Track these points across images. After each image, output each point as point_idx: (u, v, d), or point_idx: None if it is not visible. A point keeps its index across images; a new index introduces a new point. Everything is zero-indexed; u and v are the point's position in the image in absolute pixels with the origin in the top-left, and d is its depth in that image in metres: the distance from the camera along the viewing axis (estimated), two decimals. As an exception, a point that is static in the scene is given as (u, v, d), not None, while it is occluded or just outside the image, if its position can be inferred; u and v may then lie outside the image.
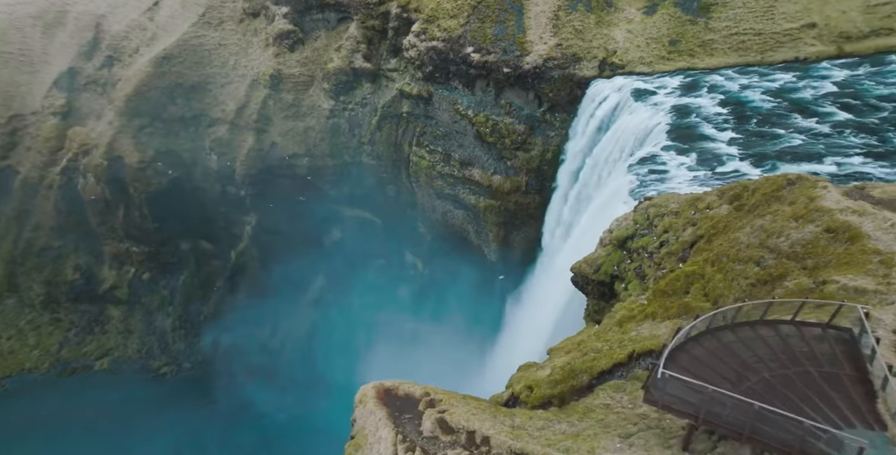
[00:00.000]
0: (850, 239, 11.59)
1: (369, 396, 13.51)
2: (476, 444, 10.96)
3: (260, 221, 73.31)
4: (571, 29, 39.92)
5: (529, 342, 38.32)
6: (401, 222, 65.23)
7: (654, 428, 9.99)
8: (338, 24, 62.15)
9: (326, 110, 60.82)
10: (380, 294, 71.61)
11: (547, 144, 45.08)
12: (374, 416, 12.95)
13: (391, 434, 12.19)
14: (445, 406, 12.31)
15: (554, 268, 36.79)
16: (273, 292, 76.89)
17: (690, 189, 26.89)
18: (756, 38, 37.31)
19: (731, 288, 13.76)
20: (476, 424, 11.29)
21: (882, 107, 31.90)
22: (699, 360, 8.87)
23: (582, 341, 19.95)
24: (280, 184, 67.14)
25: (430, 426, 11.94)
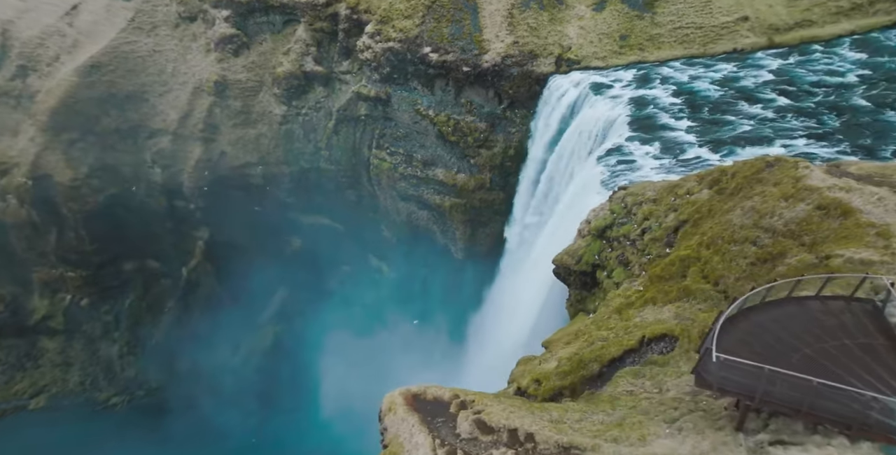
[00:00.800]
0: (843, 214, 12.74)
1: (398, 403, 13.55)
2: (520, 442, 11.18)
3: (213, 235, 70.67)
4: (526, 27, 40.93)
5: (506, 338, 39.11)
6: (363, 227, 64.69)
7: (696, 411, 10.53)
8: (284, 27, 60.76)
9: (279, 116, 59.37)
10: (346, 301, 70.78)
11: (508, 141, 46.00)
12: (405, 422, 13.02)
13: (428, 439, 12.31)
14: (480, 406, 12.54)
15: (528, 262, 37.70)
16: (232, 308, 74.41)
17: (660, 177, 28.30)
18: (698, 31, 39.57)
19: (730, 268, 14.75)
20: (516, 422, 11.56)
21: (815, 92, 34.65)
22: (739, 341, 9.50)
23: (580, 331, 20.71)
24: (233, 195, 64.97)
25: (467, 427, 12.11)
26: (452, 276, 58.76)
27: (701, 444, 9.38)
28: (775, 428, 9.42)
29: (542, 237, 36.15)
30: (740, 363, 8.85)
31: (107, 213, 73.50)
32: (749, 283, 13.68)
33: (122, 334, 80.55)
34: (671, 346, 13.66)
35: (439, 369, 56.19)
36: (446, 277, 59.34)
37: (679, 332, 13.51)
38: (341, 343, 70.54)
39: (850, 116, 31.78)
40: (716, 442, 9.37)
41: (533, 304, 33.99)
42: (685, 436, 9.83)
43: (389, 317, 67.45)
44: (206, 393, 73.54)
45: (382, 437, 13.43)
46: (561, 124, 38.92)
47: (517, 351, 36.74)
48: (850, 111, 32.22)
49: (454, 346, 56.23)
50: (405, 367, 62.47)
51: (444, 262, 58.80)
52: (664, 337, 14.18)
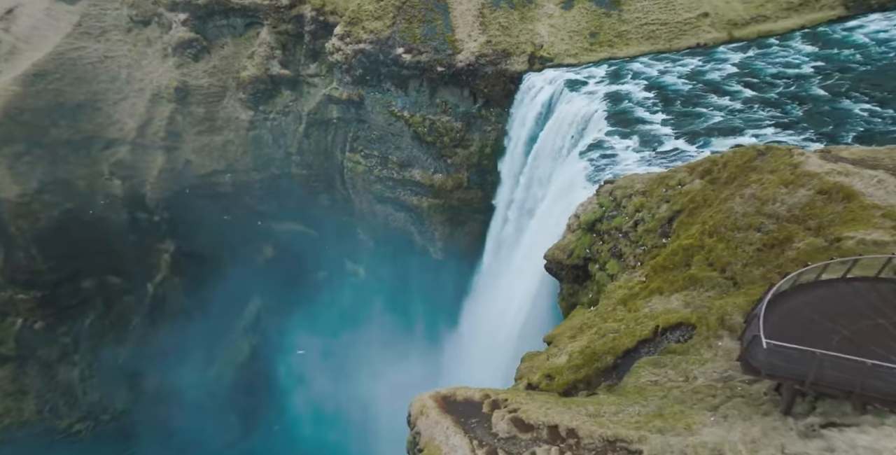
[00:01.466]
0: (846, 197, 13.48)
1: (429, 406, 13.52)
2: (562, 438, 11.29)
3: (180, 247, 68.37)
4: (498, 26, 41.35)
5: (494, 335, 39.37)
6: (338, 231, 63.90)
7: (735, 397, 10.83)
8: (245, 30, 59.35)
9: (245, 122, 57.98)
10: (323, 308, 69.78)
11: (484, 139, 46.35)
12: (439, 425, 13.01)
13: (465, 440, 12.34)
14: (515, 404, 12.64)
15: (515, 259, 38.14)
16: (203, 322, 72.12)
17: (642, 169, 29.13)
18: (663, 27, 40.89)
19: (736, 255, 15.37)
20: (556, 418, 11.70)
21: (776, 83, 36.35)
22: (777, 326, 9.87)
23: (585, 324, 21.12)
24: (200, 204, 63.04)
25: (505, 426, 12.17)
26: (432, 277, 58.72)
27: (751, 431, 9.67)
28: (823, 410, 9.76)
29: (527, 234, 36.62)
30: (790, 348, 9.18)
31: (61, 229, 70.22)
32: (758, 268, 14.34)
33: (83, 356, 76.86)
34: (688, 335, 14.12)
35: (424, 371, 56.16)
36: (426, 278, 59.24)
37: (696, 320, 14.00)
38: (321, 351, 69.57)
39: (810, 106, 33.47)
40: (765, 427, 9.70)
41: (523, 300, 34.38)
42: (732, 423, 10.09)
43: (369, 322, 66.88)
44: (179, 411, 71.06)
45: (415, 441, 13.39)
46: (538, 121, 39.51)
47: (507, 348, 37.21)
48: (811, 101, 33.93)
49: (436, 347, 56.25)
50: (387, 372, 62.16)
51: (423, 262, 58.71)
52: (679, 325, 14.64)
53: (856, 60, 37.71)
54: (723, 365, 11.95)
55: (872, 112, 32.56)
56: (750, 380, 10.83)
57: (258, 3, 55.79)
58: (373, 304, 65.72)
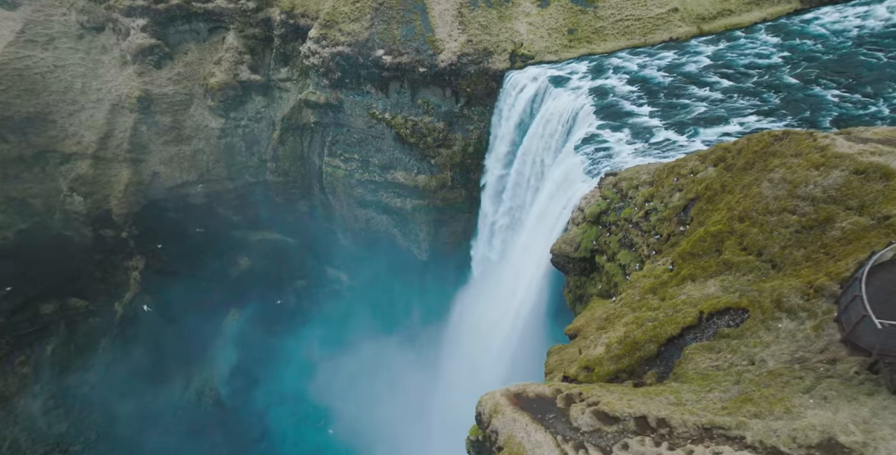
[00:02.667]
0: (885, 176, 14.06)
1: (503, 404, 13.35)
2: (652, 428, 11.26)
3: (150, 264, 65.51)
4: (477, 25, 41.45)
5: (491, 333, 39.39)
6: (317, 238, 62.71)
7: (827, 378, 10.85)
8: (210, 35, 57.42)
9: (216, 129, 56.05)
10: (305, 317, 68.41)
11: (468, 138, 46.39)
12: (517, 422, 12.87)
13: (547, 436, 12.23)
14: (593, 397, 12.61)
15: (512, 255, 38.31)
16: (178, 339, 69.49)
17: (637, 161, 29.78)
18: (637, 22, 41.96)
19: (772, 239, 15.84)
20: (642, 408, 11.69)
21: (750, 73, 37.84)
22: (875, 303, 10.07)
23: (611, 315, 21.40)
24: (171, 217, 60.62)
25: (587, 420, 12.12)
26: (418, 278, 58.46)
27: (860, 411, 9.76)
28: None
29: (524, 230, 36.84)
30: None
31: (15, 251, 66.32)
32: (798, 250, 14.85)
33: (46, 386, 72.56)
34: (740, 319, 14.46)
35: (419, 376, 55.79)
36: (412, 280, 58.93)
37: (746, 303, 14.36)
38: (305, 361, 68.13)
39: (785, 93, 34.99)
40: (875, 407, 9.83)
41: (524, 296, 34.57)
42: (835, 404, 10.12)
43: (354, 328, 65.94)
44: (160, 435, 68.14)
45: (492, 439, 13.20)
46: (524, 118, 39.83)
47: (508, 344, 37.34)
48: (785, 89, 35.47)
49: (429, 348, 55.94)
50: (379, 380, 61.41)
51: (407, 264, 58.34)
52: (728, 310, 14.97)
53: (818, 50, 39.63)
54: (790, 346, 12.26)
55: (843, 97, 34.28)
56: (828, 359, 11.13)
57: (223, 7, 54.09)
58: (358, 310, 64.84)
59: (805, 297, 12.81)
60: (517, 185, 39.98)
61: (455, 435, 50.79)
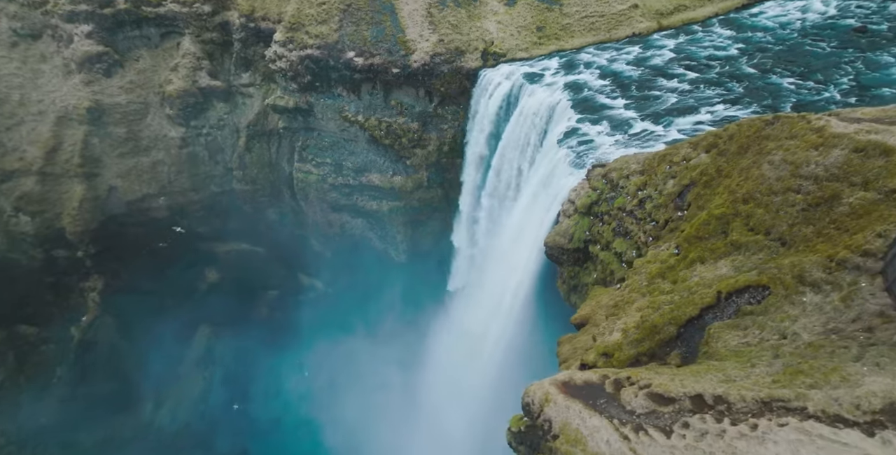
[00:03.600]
0: (884, 152, 15.07)
1: (553, 393, 13.52)
2: (709, 405, 11.61)
3: (110, 284, 62.24)
4: (447, 24, 41.60)
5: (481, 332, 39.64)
6: (289, 246, 61.30)
7: (871, 345, 11.21)
8: (162, 41, 55.15)
9: (177, 139, 53.88)
10: (279, 328, 66.69)
11: (442, 138, 46.47)
12: (570, 409, 13.06)
13: (604, 421, 12.47)
14: (643, 380, 12.93)
15: (498, 251, 38.66)
16: (144, 362, 66.38)
17: (620, 152, 30.67)
18: (601, 19, 43.19)
19: (779, 217, 16.70)
20: (696, 387, 12.04)
21: (712, 65, 39.59)
22: None
23: (620, 301, 21.97)
24: (132, 233, 57.84)
25: (641, 402, 12.42)
26: (397, 280, 58.06)
27: None
28: None
29: (509, 226, 37.26)
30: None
31: (-47, 278, 61.88)
32: (807, 227, 15.72)
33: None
34: (761, 296, 15.15)
35: (405, 380, 55.51)
36: (391, 282, 58.46)
37: (767, 281, 15.08)
38: (283, 373, 66.50)
39: (747, 83, 36.79)
40: None
41: (516, 291, 34.95)
42: (891, 370, 10.56)
43: (332, 336, 64.81)
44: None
45: (546, 429, 13.34)
46: (500, 115, 40.30)
47: (500, 341, 37.67)
48: (745, 78, 37.30)
49: (414, 351, 55.67)
50: (358, 387, 60.62)
51: (385, 267, 57.87)
52: (747, 288, 15.67)
53: (769, 41, 41.85)
54: (819, 319, 12.96)
55: (798, 85, 36.31)
56: (864, 328, 11.83)
57: (176, 11, 52.09)
58: (336, 317, 63.73)
59: (827, 270, 13.58)
60: (498, 182, 40.39)
61: (440, 438, 50.71)
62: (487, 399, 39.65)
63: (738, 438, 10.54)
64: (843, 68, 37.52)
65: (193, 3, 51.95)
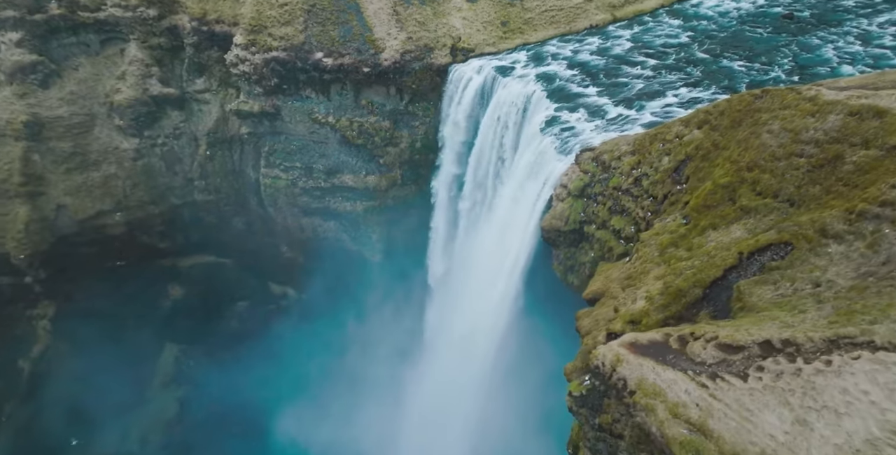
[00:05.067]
0: (878, 114, 16.79)
1: (624, 353, 14.28)
2: (778, 349, 12.59)
3: (62, 309, 58.15)
4: (414, 22, 41.89)
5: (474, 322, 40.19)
6: (258, 254, 59.54)
7: None
8: (103, 48, 52.06)
9: (130, 151, 51.09)
10: (252, 340, 64.58)
11: (414, 135, 46.72)
12: (643, 366, 13.89)
13: (678, 374, 13.34)
14: (708, 333, 13.81)
15: (487, 242, 39.38)
16: (106, 390, 62.46)
17: (603, 136, 32.15)
18: (560, 12, 44.84)
19: (785, 180, 18.29)
20: (762, 334, 13.03)
21: (668, 52, 42.06)
22: None
23: (633, 273, 23.19)
24: (86, 253, 54.30)
25: (711, 353, 13.36)
26: (373, 280, 57.64)
27: None
28: None
29: (495, 215, 38.08)
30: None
31: None
32: (814, 186, 17.35)
33: (-70, 474, 62.31)
34: (784, 252, 16.56)
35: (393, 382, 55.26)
36: (366, 283, 57.96)
37: (788, 237, 16.51)
38: (258, 387, 64.44)
39: (703, 67, 39.38)
40: None
41: (509, 279, 35.77)
42: None
43: (308, 344, 63.52)
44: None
45: (621, 387, 14.09)
46: (475, 108, 41.10)
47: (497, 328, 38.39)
48: (700, 63, 39.91)
49: (403, 352, 55.57)
50: (340, 397, 59.73)
51: (359, 268, 57.33)
52: (769, 247, 17.08)
53: (714, 29, 44.89)
54: (849, 265, 14.42)
55: (747, 66, 39.20)
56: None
57: (118, 16, 49.41)
58: (311, 325, 62.49)
59: (848, 222, 15.12)
60: (477, 173, 41.14)
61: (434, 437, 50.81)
62: (483, 395, 40.29)
63: (815, 374, 11.67)
64: (781, 51, 40.77)
65: (137, 7, 49.46)
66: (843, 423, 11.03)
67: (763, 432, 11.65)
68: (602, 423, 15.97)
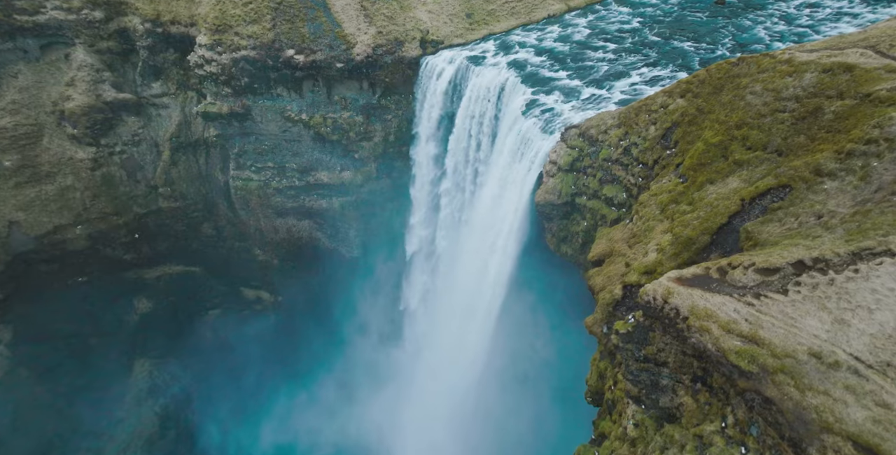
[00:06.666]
0: (847, 69, 19.37)
1: (673, 286, 15.92)
2: (809, 266, 14.51)
3: (21, 332, 54.48)
4: (382, 16, 42.58)
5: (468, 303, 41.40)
6: (229, 259, 58.14)
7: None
8: (44, 53, 49.31)
9: (87, 161, 48.63)
10: (227, 349, 62.99)
11: (387, 128, 47.35)
12: (692, 295, 15.60)
13: (725, 297, 15.06)
14: (745, 261, 15.63)
15: (475, 224, 40.70)
16: (75, 414, 59.14)
17: (581, 115, 34.24)
18: (520, 3, 46.88)
19: (772, 134, 20.71)
20: (794, 255, 14.87)
21: (624, 36, 44.96)
22: None
23: (637, 231, 25.25)
24: (45, 270, 51.17)
25: (751, 276, 15.18)
26: (351, 277, 57.72)
27: None
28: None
29: (482, 196, 39.45)
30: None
31: None
32: (799, 136, 19.81)
33: None
34: (783, 193, 18.84)
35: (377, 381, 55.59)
36: (344, 280, 57.96)
37: (786, 180, 18.80)
38: (239, 397, 62.97)
39: (657, 48, 42.47)
40: None
41: (502, 256, 37.26)
42: None
43: (289, 347, 62.69)
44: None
45: (673, 315, 15.74)
46: (449, 97, 42.32)
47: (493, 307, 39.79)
48: (654, 45, 43.00)
49: (386, 348, 55.97)
50: (327, 403, 59.46)
51: (337, 265, 57.27)
52: (768, 191, 19.33)
53: (659, 15, 48.33)
54: (845, 196, 16.77)
55: (695, 46, 42.61)
56: (890, 192, 15.63)
57: (60, 19, 47.02)
58: (289, 327, 61.75)
59: (839, 161, 17.53)
60: (457, 159, 42.39)
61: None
62: (484, 360, 41.30)
63: (846, 281, 13.76)
64: (721, 32, 44.54)
65: (80, 9, 47.27)
66: (875, 317, 13.13)
67: (808, 334, 13.61)
68: (647, 354, 17.67)
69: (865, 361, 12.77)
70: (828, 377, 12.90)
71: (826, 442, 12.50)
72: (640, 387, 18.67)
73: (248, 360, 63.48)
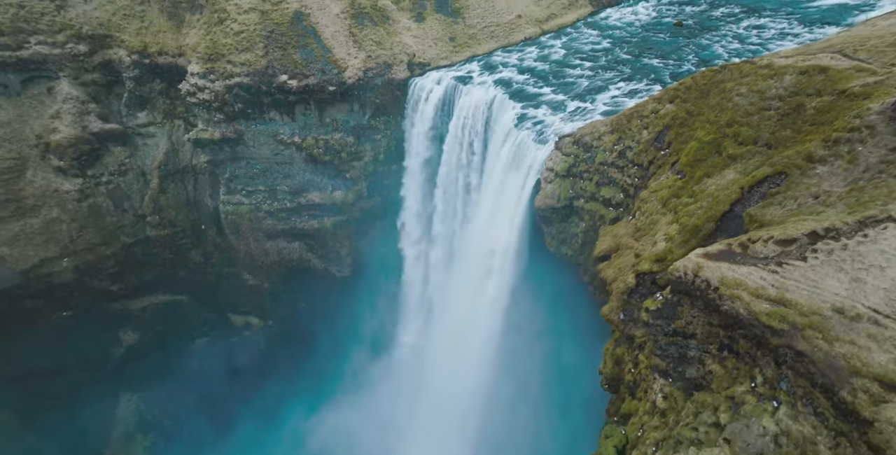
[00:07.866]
0: (821, 70, 21.91)
1: (702, 261, 17.51)
2: (822, 236, 16.41)
3: (2, 373, 51.86)
4: (371, 42, 44.43)
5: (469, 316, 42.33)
6: (217, 286, 57.44)
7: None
8: (24, 88, 48.94)
9: (73, 192, 47.91)
10: (215, 378, 61.51)
11: (377, 148, 48.73)
12: (720, 268, 17.17)
13: (751, 268, 16.68)
14: (764, 235, 17.34)
15: (472, 235, 42.05)
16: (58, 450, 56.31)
17: (572, 125, 36.49)
18: (498, 27, 49.71)
19: (761, 129, 23.02)
20: (807, 227, 15.93)
21: (598, 55, 48.12)
22: None
23: (641, 227, 27.10)
24: (30, 307, 49.39)
25: (772, 247, 16.92)
26: (342, 297, 57.77)
27: None
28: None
29: (480, 205, 40.94)
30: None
31: None
32: (785, 130, 22.16)
33: None
34: (780, 180, 20.98)
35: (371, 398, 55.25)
36: (335, 301, 57.93)
37: (781, 168, 20.95)
38: (230, 428, 61.22)
39: (630, 65, 45.66)
40: None
41: (503, 263, 38.64)
42: None
43: (280, 374, 61.74)
44: None
45: (704, 287, 17.31)
46: (438, 115, 44.19)
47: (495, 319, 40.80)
48: (627, 63, 46.21)
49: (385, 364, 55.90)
50: (326, 428, 58.61)
51: (327, 286, 57.32)
52: (765, 179, 21.46)
53: (627, 36, 51.96)
54: (837, 177, 18.91)
55: (664, 63, 45.97)
56: (878, 171, 17.84)
57: (44, 53, 47.01)
58: (280, 353, 60.96)
59: (827, 148, 19.81)
60: (450, 171, 43.94)
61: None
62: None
63: (857, 245, 15.67)
64: (683, 50, 48.22)
65: (65, 43, 47.42)
66: (886, 273, 15.01)
67: (829, 293, 15.37)
68: (676, 327, 19.14)
69: (883, 312, 14.55)
70: (851, 328, 14.60)
71: (856, 384, 14.10)
72: (668, 360, 20.08)
73: (240, 389, 62.05)
